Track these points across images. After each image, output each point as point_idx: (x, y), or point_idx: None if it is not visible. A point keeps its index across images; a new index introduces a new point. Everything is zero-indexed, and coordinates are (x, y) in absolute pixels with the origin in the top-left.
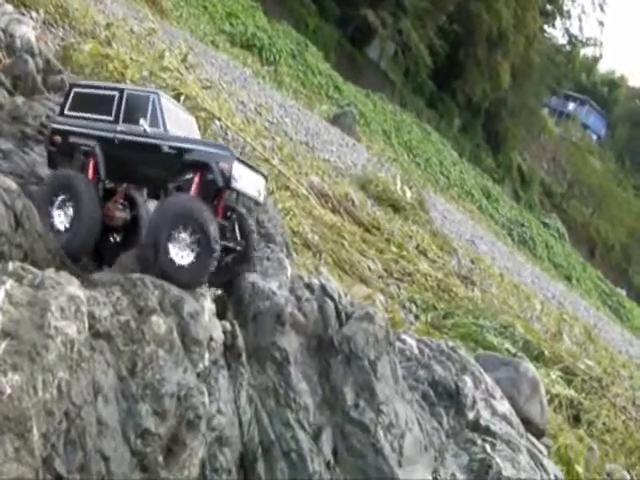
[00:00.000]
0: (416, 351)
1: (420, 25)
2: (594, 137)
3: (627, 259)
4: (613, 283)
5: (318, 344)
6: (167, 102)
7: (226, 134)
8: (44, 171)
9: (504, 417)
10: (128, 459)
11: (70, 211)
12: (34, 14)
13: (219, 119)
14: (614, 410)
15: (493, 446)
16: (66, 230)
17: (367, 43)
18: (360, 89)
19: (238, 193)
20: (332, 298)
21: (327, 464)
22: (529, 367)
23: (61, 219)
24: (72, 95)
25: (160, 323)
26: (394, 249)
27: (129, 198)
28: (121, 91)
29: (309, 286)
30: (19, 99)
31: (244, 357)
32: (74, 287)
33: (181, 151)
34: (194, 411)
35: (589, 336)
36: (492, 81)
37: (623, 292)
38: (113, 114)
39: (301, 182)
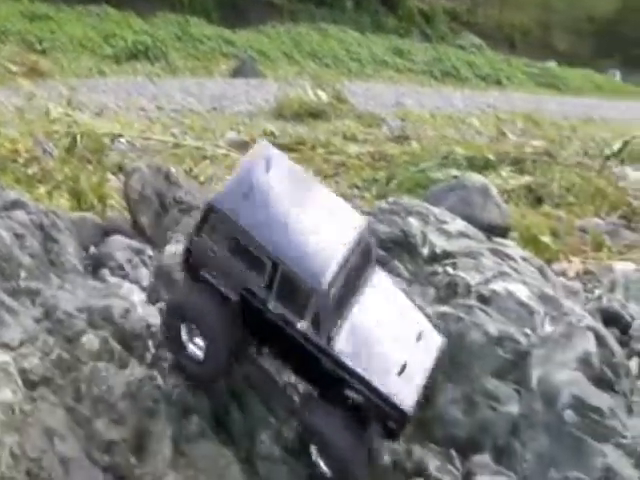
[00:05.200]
0: None
1: None
2: None
3: (546, 31)
4: (541, 60)
5: None
6: None
7: (134, 145)
8: None
9: (460, 234)
10: None
11: None
12: None
13: (120, 136)
14: (568, 170)
15: (454, 265)
16: None
17: None
18: (252, 30)
19: None
20: None
21: None
22: (474, 178)
23: None
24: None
25: None
26: (320, 151)
27: None
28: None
29: None
30: None
31: None
32: None
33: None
34: None
35: (531, 120)
36: None
37: (552, 63)
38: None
39: (219, 145)
